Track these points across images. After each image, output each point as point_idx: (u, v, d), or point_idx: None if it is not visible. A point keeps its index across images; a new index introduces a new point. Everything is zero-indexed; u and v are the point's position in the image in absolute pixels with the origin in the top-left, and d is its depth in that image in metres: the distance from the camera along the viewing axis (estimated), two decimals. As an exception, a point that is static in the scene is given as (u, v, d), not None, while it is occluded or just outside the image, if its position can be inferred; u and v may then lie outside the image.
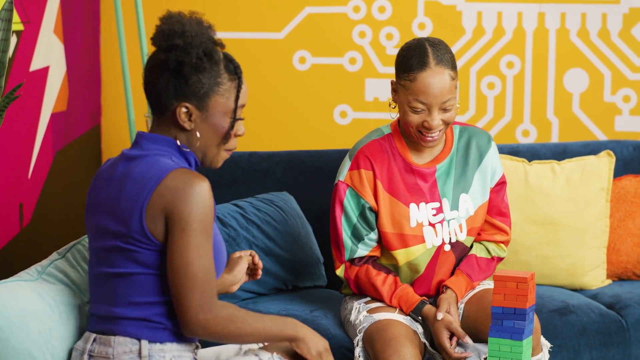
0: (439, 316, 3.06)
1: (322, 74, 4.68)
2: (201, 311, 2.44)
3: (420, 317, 3.14)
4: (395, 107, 3.15)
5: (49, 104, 4.12)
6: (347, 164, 3.20)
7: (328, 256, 3.78)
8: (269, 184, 3.89)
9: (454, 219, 3.20)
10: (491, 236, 3.28)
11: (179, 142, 2.53)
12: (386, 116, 4.66)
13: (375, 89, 4.67)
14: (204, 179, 2.46)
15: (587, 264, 3.89)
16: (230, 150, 2.60)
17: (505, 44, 4.60)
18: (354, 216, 3.17)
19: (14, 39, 3.69)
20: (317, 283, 3.76)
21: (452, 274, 3.25)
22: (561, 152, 4.05)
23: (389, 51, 4.64)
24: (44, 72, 4.05)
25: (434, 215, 3.18)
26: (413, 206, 3.17)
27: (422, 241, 3.17)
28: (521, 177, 3.89)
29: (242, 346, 2.74)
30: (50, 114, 4.13)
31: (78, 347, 2.55)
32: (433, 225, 3.18)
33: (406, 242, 3.17)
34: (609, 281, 3.96)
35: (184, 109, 2.50)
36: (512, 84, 4.62)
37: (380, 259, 3.24)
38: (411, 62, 3.05)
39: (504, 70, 4.61)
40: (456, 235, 3.20)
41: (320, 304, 3.53)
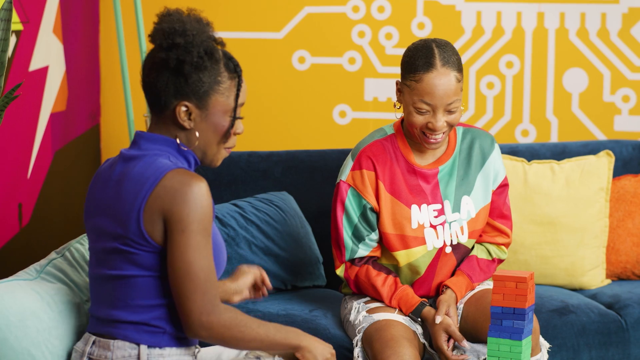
0: (438, 319, 3.06)
1: (321, 73, 4.68)
2: (204, 313, 2.43)
3: (419, 319, 3.13)
4: (400, 107, 3.14)
5: (48, 103, 4.12)
6: (349, 163, 3.19)
7: (327, 256, 3.78)
8: (268, 183, 3.88)
9: (455, 221, 3.19)
10: (492, 238, 3.28)
11: (178, 140, 2.53)
12: (385, 116, 4.66)
13: (374, 88, 4.67)
14: (202, 179, 2.45)
15: (587, 263, 3.89)
16: (230, 149, 2.59)
17: (505, 43, 4.60)
18: (355, 216, 3.17)
19: (13, 39, 3.69)
20: (316, 283, 3.76)
21: (453, 275, 3.25)
22: (560, 152, 4.05)
23: (388, 51, 4.64)
24: (43, 72, 4.05)
25: (436, 217, 3.17)
26: (415, 207, 3.16)
27: (423, 243, 3.17)
28: (520, 177, 3.89)
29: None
30: (50, 114, 4.13)
31: (78, 348, 2.55)
32: (434, 227, 3.17)
33: (407, 243, 3.16)
34: (608, 281, 3.96)
35: (183, 108, 2.49)
36: (511, 83, 4.62)
37: (381, 260, 3.23)
38: (417, 62, 3.04)
39: (504, 70, 4.61)
40: (457, 237, 3.20)
41: (319, 303, 3.53)
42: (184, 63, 2.46)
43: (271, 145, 4.61)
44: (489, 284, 3.27)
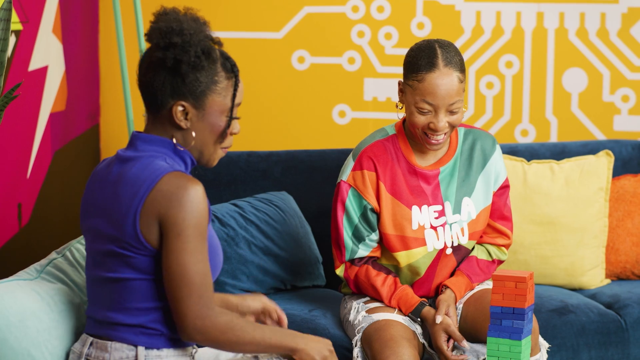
0: (438, 319, 3.06)
1: (320, 73, 4.68)
2: (199, 317, 2.42)
3: (419, 319, 3.13)
4: (402, 107, 3.14)
5: (48, 103, 4.12)
6: (350, 164, 3.19)
7: (327, 256, 3.78)
8: (267, 183, 3.88)
9: (456, 222, 3.19)
10: (493, 239, 3.28)
11: (175, 140, 2.51)
12: (385, 116, 4.66)
13: (374, 88, 4.66)
14: (198, 182, 2.43)
15: (586, 263, 3.89)
16: (226, 148, 2.58)
17: (504, 43, 4.60)
18: (356, 217, 3.17)
19: (12, 39, 3.69)
20: (315, 283, 3.76)
21: (452, 275, 3.25)
22: (560, 152, 4.05)
23: (387, 51, 4.64)
24: (42, 71, 4.05)
25: (436, 218, 3.17)
26: (415, 209, 3.16)
27: (424, 244, 3.16)
28: (520, 176, 3.89)
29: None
30: (49, 114, 4.13)
31: (75, 349, 2.55)
32: (435, 228, 3.17)
33: (407, 244, 3.16)
34: (608, 281, 3.96)
35: (180, 108, 2.48)
36: (511, 83, 4.62)
37: (381, 260, 3.23)
38: (420, 62, 3.04)
39: (503, 69, 4.61)
40: (458, 238, 3.19)
41: (319, 303, 3.53)
42: (181, 63, 2.45)
43: (271, 145, 4.61)
44: (488, 284, 3.27)
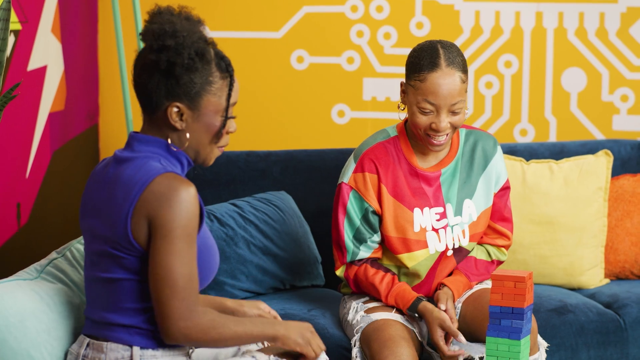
0: (442, 307, 3.04)
1: (319, 73, 4.68)
2: (181, 319, 2.41)
3: (416, 314, 3.13)
4: (404, 108, 3.13)
5: (47, 103, 4.12)
6: (351, 165, 3.18)
7: (326, 255, 3.78)
8: (266, 183, 3.88)
9: (457, 224, 3.18)
10: (493, 240, 3.27)
11: (169, 141, 2.51)
12: (384, 115, 4.66)
13: (373, 88, 4.66)
14: (190, 184, 2.42)
15: (585, 263, 3.89)
16: (223, 147, 2.57)
17: (503, 43, 4.60)
18: (357, 219, 3.16)
19: (11, 39, 3.69)
20: (315, 282, 3.76)
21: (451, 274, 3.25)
22: (559, 152, 4.05)
23: (386, 50, 4.64)
24: (41, 71, 4.05)
25: (438, 220, 3.17)
26: (417, 211, 3.15)
27: (425, 246, 3.16)
28: (519, 176, 3.89)
29: (241, 347, 2.73)
30: (48, 114, 4.13)
31: (72, 350, 2.55)
32: (436, 230, 3.17)
33: (409, 246, 3.15)
34: (607, 280, 3.96)
35: (175, 109, 2.47)
36: (510, 83, 4.62)
37: (382, 261, 3.22)
38: (422, 62, 3.03)
39: (502, 69, 4.61)
40: (459, 241, 3.19)
41: (318, 303, 3.53)
42: (174, 65, 2.44)
43: (270, 144, 4.61)
44: (487, 284, 3.27)
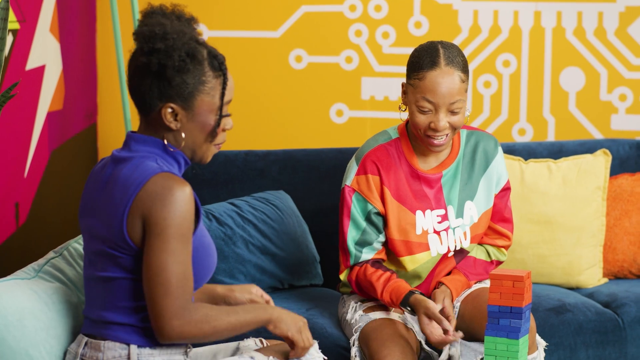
0: (439, 307, 3.00)
1: (318, 72, 4.68)
2: (175, 317, 2.40)
3: (409, 308, 3.04)
4: (406, 109, 3.13)
5: (45, 102, 4.12)
6: (353, 168, 3.17)
7: (324, 255, 3.78)
8: (265, 182, 3.88)
9: (458, 226, 3.18)
10: (493, 240, 3.27)
11: (166, 141, 2.51)
12: (382, 115, 4.66)
13: (371, 87, 4.66)
14: (185, 184, 2.42)
15: (584, 262, 3.89)
16: (220, 145, 2.57)
17: (502, 42, 4.60)
18: (362, 221, 3.14)
19: (10, 38, 3.69)
20: (313, 282, 3.76)
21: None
22: (557, 151, 4.05)
23: (385, 50, 4.64)
24: (40, 70, 4.05)
25: (439, 222, 3.16)
26: (419, 213, 3.15)
27: (427, 249, 3.15)
28: (517, 175, 3.89)
29: (240, 346, 2.73)
30: (46, 113, 4.13)
31: (71, 349, 2.55)
32: (438, 233, 3.16)
33: (411, 249, 3.15)
34: (605, 280, 3.96)
35: (169, 110, 2.47)
36: (508, 82, 4.62)
37: (385, 263, 3.21)
38: (421, 61, 3.03)
39: (500, 68, 4.61)
40: (461, 243, 3.19)
41: (316, 302, 3.53)
42: (165, 67, 2.44)
43: (268, 144, 4.60)
44: (486, 283, 3.27)
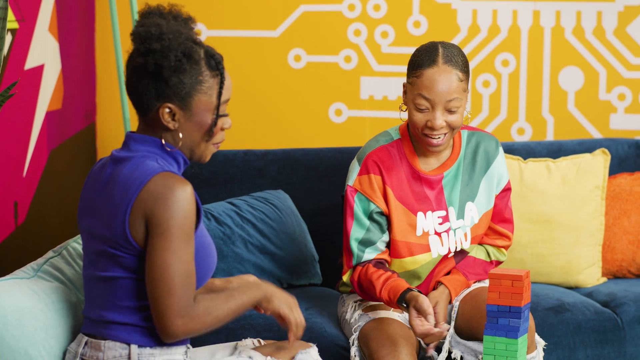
0: (430, 320, 2.95)
1: (317, 72, 4.68)
2: (179, 316, 2.41)
3: (404, 304, 3.00)
4: (406, 110, 3.12)
5: (44, 102, 4.12)
6: (356, 168, 3.16)
7: (323, 254, 3.78)
8: (264, 182, 3.88)
9: (459, 227, 3.18)
10: (493, 240, 3.26)
11: (163, 141, 2.51)
12: (381, 114, 4.66)
13: (370, 87, 4.66)
14: (186, 183, 2.43)
15: (582, 262, 3.89)
16: (218, 144, 2.57)
17: (501, 42, 4.60)
18: (366, 220, 3.14)
19: (8, 37, 3.68)
20: (312, 281, 3.76)
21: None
22: (556, 150, 4.05)
23: (384, 49, 4.64)
24: (38, 70, 4.05)
25: (440, 224, 3.16)
26: (420, 215, 3.14)
27: (428, 250, 3.15)
28: (516, 175, 3.89)
29: (237, 346, 2.73)
30: (45, 112, 4.13)
31: (71, 349, 2.55)
32: (439, 234, 3.16)
33: (412, 250, 3.14)
34: (604, 279, 3.96)
35: (166, 110, 2.48)
36: (507, 82, 4.62)
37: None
38: (420, 60, 3.04)
39: (499, 68, 4.61)
40: (461, 244, 3.19)
41: (315, 302, 3.53)
42: (162, 68, 2.44)
43: (267, 143, 4.60)
44: (485, 282, 3.27)
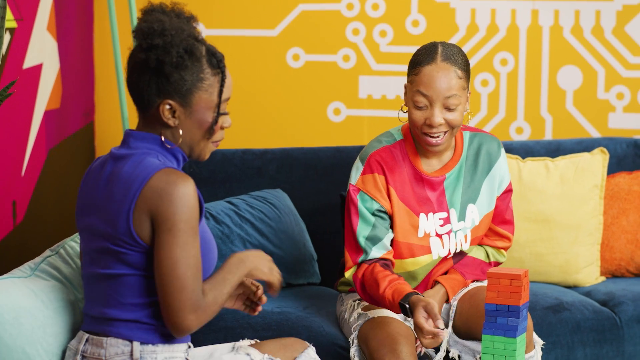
0: (427, 324, 2.91)
1: (315, 71, 4.68)
2: (192, 311, 2.43)
3: (407, 305, 2.96)
4: (407, 111, 3.12)
5: (43, 101, 4.11)
6: (359, 168, 3.16)
7: (322, 253, 3.78)
8: (262, 181, 3.88)
9: (460, 229, 3.18)
10: (492, 242, 3.26)
11: (163, 138, 2.52)
12: (380, 113, 4.66)
13: (368, 86, 4.66)
14: (188, 178, 2.44)
15: (581, 261, 3.89)
16: (217, 142, 2.58)
17: (499, 41, 4.60)
18: (372, 217, 3.13)
19: (7, 36, 3.68)
20: (310, 280, 3.76)
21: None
22: (555, 149, 4.06)
23: (382, 48, 4.64)
24: (37, 69, 4.05)
25: (441, 225, 3.16)
26: (422, 216, 3.14)
27: (429, 252, 3.15)
28: (515, 174, 3.89)
29: (235, 344, 2.74)
30: (44, 112, 4.12)
31: (71, 346, 2.55)
32: (440, 236, 3.16)
33: (413, 251, 3.14)
34: (603, 278, 3.97)
35: (167, 106, 2.49)
36: (505, 81, 4.62)
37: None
38: (420, 58, 3.05)
39: (498, 67, 4.61)
40: (462, 246, 3.18)
41: (313, 301, 3.53)
42: (163, 63, 2.45)
43: (265, 142, 4.60)
44: (483, 282, 3.27)
